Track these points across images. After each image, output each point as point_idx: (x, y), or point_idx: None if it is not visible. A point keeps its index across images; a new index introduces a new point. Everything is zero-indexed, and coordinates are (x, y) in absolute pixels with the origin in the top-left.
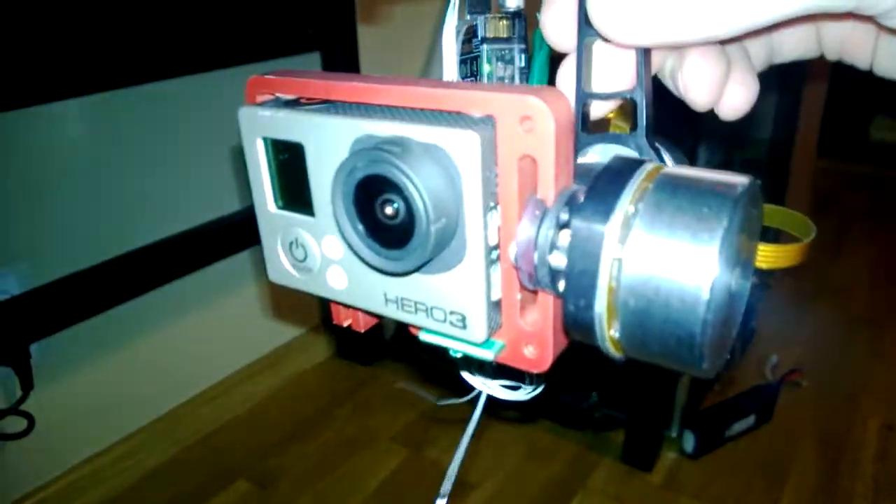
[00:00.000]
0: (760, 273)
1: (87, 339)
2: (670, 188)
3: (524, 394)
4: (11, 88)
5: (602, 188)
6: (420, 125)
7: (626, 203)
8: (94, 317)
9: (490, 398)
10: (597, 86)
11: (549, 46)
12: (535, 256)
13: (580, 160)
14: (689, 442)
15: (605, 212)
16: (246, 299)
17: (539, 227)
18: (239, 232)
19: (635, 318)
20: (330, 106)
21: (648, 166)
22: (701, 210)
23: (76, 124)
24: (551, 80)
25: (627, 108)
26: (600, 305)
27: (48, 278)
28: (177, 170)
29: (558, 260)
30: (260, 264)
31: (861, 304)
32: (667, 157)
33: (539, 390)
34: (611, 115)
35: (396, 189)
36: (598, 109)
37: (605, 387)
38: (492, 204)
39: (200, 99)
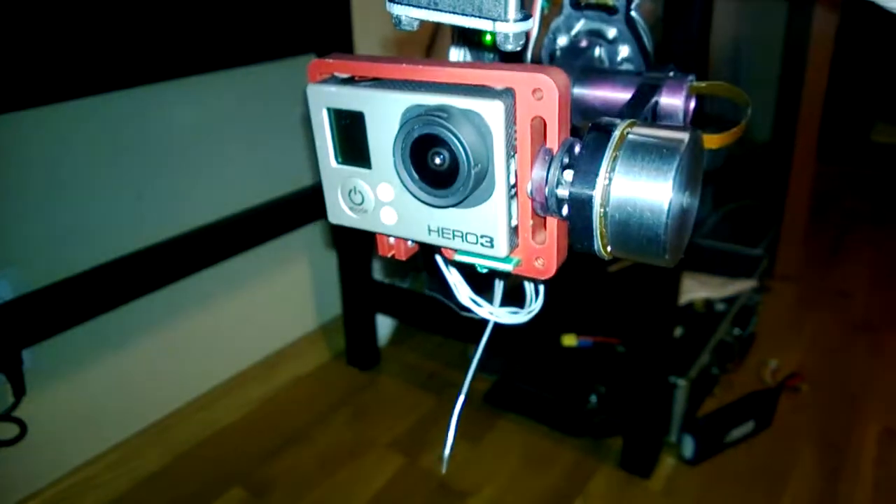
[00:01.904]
0: (759, 277)
1: (80, 344)
2: (635, 147)
3: (525, 315)
4: (4, 92)
5: (585, 163)
6: (459, 96)
7: (603, 173)
8: (87, 322)
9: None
10: None
11: None
12: (546, 190)
13: (572, 32)
14: (688, 448)
15: (591, 182)
16: (240, 304)
17: (549, 169)
18: (235, 236)
19: (619, 226)
20: (381, 82)
21: (616, 134)
22: (657, 161)
23: (70, 128)
24: None
25: None
26: (597, 242)
27: (40, 283)
28: (171, 173)
29: (563, 192)
30: (254, 270)
31: (861, 308)
32: (645, 36)
33: (536, 311)
34: None
35: (444, 144)
36: None
37: (604, 392)
38: (512, 153)
39: (196, 102)
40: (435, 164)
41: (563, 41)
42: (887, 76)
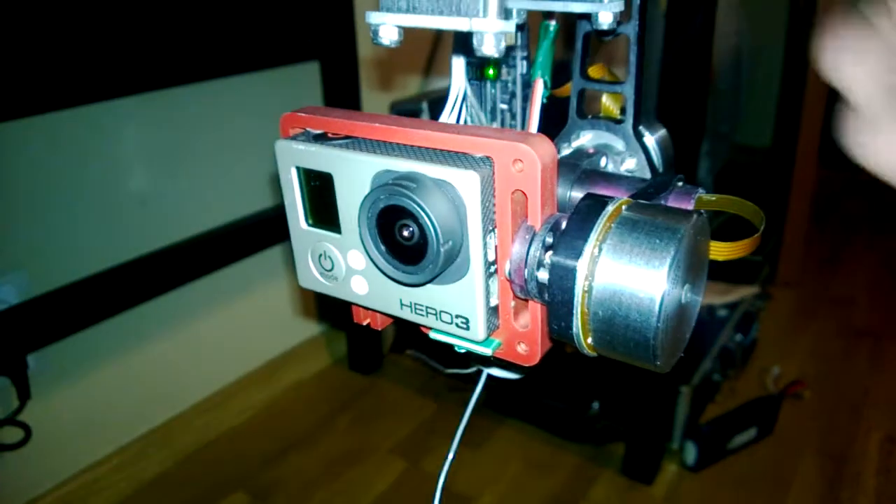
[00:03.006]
0: (761, 283)
1: (85, 349)
2: (630, 224)
3: (518, 372)
4: (10, 99)
5: (573, 230)
6: (431, 164)
7: (592, 244)
8: (92, 327)
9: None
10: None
11: (552, 36)
12: (526, 272)
13: (575, 143)
14: (690, 454)
15: (576, 253)
16: (242, 309)
17: (528, 249)
18: (238, 241)
19: (603, 325)
20: (353, 141)
21: (610, 208)
22: (653, 242)
23: (75, 133)
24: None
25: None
26: (577, 326)
27: (45, 288)
28: (175, 180)
29: (545, 275)
30: (256, 275)
31: (862, 314)
32: (651, 141)
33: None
34: (603, 99)
35: (412, 217)
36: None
37: (606, 398)
38: (490, 227)
39: (198, 108)
40: (403, 238)
41: (567, 151)
42: None
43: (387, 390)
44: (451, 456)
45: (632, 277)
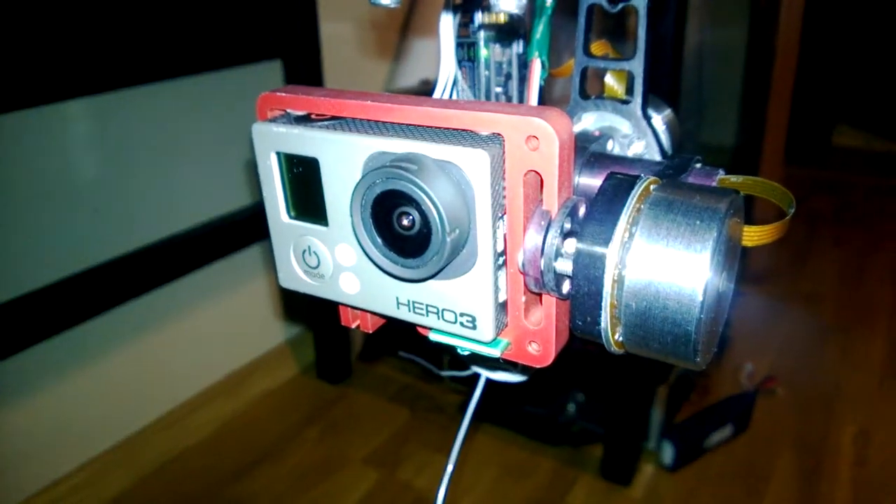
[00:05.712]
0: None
1: (39, 363)
2: (665, 205)
3: (519, 375)
4: None
5: (600, 212)
6: (433, 143)
7: (622, 227)
8: (45, 341)
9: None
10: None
11: (550, 12)
12: (542, 263)
13: (576, 126)
14: (667, 454)
15: (605, 238)
16: (204, 318)
17: (545, 236)
18: (198, 249)
19: (637, 318)
20: (341, 122)
21: (637, 190)
22: (693, 223)
23: (22, 139)
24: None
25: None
26: (605, 321)
27: None
28: (129, 186)
29: (564, 266)
30: (218, 283)
31: (830, 308)
32: (658, 122)
33: (528, 376)
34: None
35: (413, 203)
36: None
37: (582, 399)
38: (499, 214)
39: (152, 111)
40: (402, 227)
41: None
42: (849, 80)
43: (357, 399)
44: (450, 468)
45: (670, 264)
